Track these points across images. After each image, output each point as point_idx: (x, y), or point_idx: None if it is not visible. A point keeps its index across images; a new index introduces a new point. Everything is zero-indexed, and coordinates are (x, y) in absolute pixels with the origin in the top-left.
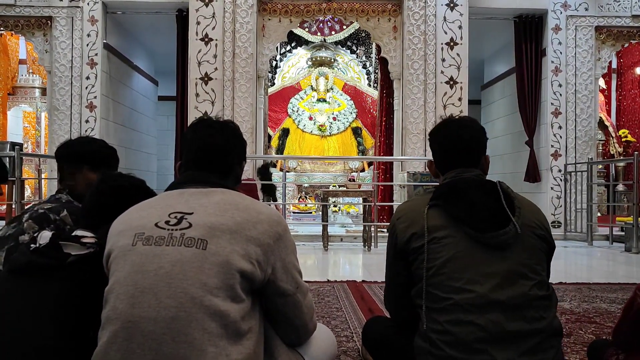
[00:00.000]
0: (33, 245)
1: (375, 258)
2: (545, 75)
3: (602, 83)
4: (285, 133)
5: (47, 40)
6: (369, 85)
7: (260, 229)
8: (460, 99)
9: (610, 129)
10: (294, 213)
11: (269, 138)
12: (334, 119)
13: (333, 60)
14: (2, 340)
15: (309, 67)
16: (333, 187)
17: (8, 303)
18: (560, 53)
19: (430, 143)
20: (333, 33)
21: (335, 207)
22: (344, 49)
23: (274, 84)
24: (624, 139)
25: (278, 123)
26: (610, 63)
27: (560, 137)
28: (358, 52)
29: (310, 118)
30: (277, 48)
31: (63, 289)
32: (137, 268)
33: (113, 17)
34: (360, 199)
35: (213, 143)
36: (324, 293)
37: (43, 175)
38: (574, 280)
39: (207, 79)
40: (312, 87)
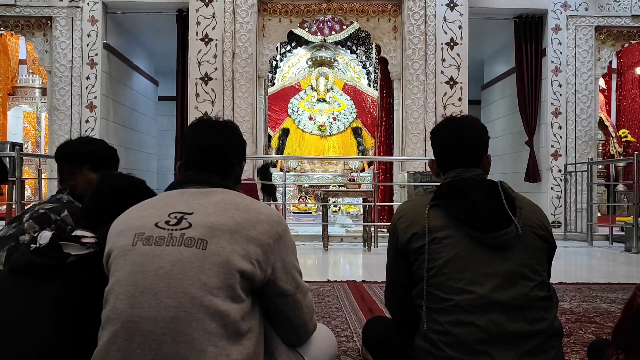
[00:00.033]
0: (33, 245)
1: (375, 258)
2: (545, 75)
3: (602, 83)
4: (285, 133)
5: (47, 40)
6: (369, 85)
7: (260, 229)
8: (460, 99)
9: (610, 129)
10: (294, 213)
11: (269, 138)
12: (334, 119)
13: (333, 60)
14: (2, 340)
15: (309, 67)
16: (333, 187)
17: (8, 303)
18: (560, 53)
19: (432, 142)
20: (333, 33)
21: (335, 207)
22: (344, 49)
23: (274, 84)
24: (624, 139)
25: (278, 123)
26: (610, 63)
27: (560, 137)
28: (358, 52)
29: (310, 118)
30: (277, 48)
31: (63, 289)
32: (137, 268)
33: (113, 17)
34: (360, 199)
35: (213, 143)
36: (324, 293)
37: (43, 176)
38: (574, 280)
39: (207, 79)
40: (312, 87)
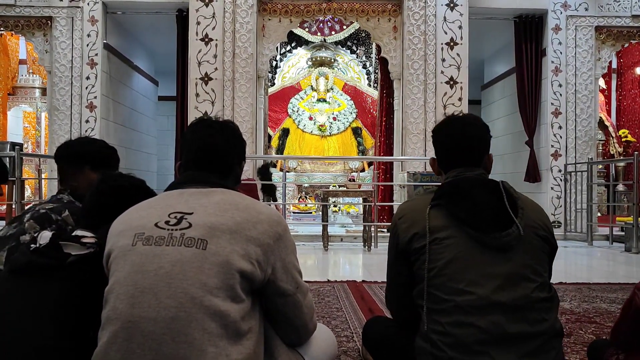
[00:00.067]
0: (33, 245)
1: (376, 258)
2: (545, 75)
3: (602, 83)
4: (285, 133)
5: (47, 40)
6: (369, 85)
7: (260, 229)
8: (461, 99)
9: (610, 129)
10: (294, 213)
11: (269, 138)
12: (334, 119)
13: (333, 60)
14: (2, 340)
15: (309, 67)
16: (333, 187)
17: (8, 303)
18: (560, 53)
19: (433, 140)
20: (333, 33)
21: (335, 207)
22: (344, 49)
23: (274, 84)
24: (624, 139)
25: (278, 123)
26: (610, 63)
27: (560, 137)
28: (358, 52)
29: (310, 118)
30: (277, 48)
31: (63, 289)
32: (137, 268)
33: (113, 17)
34: (360, 199)
35: (213, 143)
36: (324, 293)
37: (43, 176)
38: (574, 280)
39: (207, 79)
40: (312, 87)
